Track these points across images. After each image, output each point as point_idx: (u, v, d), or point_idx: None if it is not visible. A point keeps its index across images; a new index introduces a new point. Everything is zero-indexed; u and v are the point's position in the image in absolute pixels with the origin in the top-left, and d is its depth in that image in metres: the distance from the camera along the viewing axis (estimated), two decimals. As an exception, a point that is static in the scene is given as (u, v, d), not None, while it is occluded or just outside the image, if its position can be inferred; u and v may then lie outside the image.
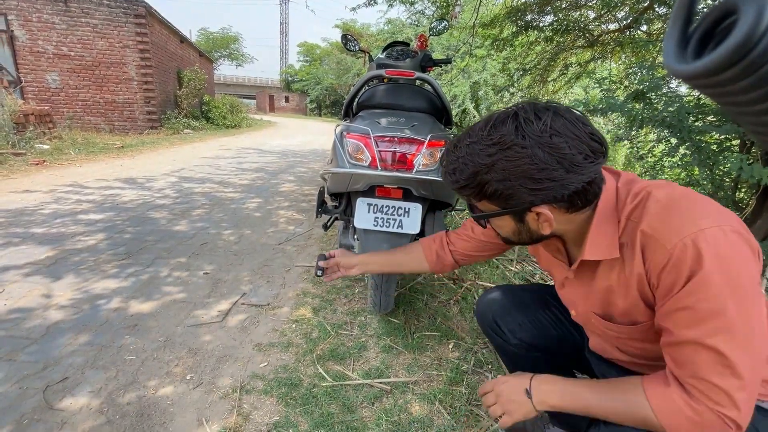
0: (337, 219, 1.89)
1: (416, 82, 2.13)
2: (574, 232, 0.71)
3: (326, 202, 1.84)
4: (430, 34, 2.55)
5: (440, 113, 1.93)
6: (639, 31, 3.92)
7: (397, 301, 1.93)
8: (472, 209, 0.75)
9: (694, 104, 1.92)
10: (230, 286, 2.09)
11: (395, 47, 2.38)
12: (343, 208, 1.75)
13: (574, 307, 0.83)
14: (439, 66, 2.51)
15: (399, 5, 5.82)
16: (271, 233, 2.96)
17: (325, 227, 2.00)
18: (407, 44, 2.49)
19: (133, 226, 2.91)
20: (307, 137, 12.62)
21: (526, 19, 4.13)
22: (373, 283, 1.66)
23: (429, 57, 2.29)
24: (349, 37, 2.42)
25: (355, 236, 1.65)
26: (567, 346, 0.98)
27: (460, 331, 1.76)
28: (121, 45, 9.02)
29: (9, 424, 1.16)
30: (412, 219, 1.49)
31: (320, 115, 36.24)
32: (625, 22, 3.90)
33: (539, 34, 4.40)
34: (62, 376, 1.37)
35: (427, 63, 2.27)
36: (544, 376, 0.75)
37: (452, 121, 2.00)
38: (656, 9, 3.28)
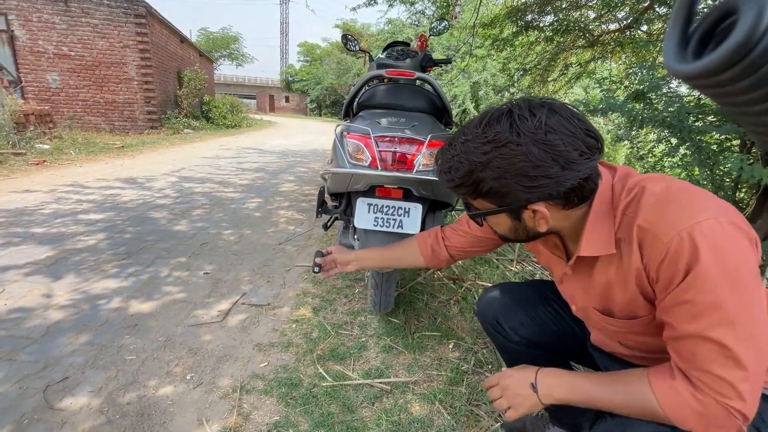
0: (337, 219, 1.89)
1: (416, 82, 2.13)
2: (571, 229, 0.70)
3: (326, 202, 1.84)
4: (431, 34, 2.55)
5: (440, 113, 1.93)
6: (639, 31, 3.92)
7: (397, 301, 1.93)
8: (469, 208, 0.75)
9: (694, 104, 1.92)
10: (230, 286, 2.09)
11: (395, 47, 2.38)
12: (344, 208, 1.75)
13: (574, 302, 0.83)
14: (439, 66, 2.51)
15: (399, 5, 5.83)
16: (272, 233, 2.96)
17: (326, 227, 2.00)
18: (407, 44, 2.49)
19: (134, 226, 2.92)
20: (307, 137, 12.62)
21: (527, 19, 4.13)
22: (373, 283, 1.67)
23: (429, 57, 2.29)
24: (350, 37, 2.42)
25: (356, 236, 1.65)
26: (568, 342, 0.99)
27: (460, 331, 1.76)
28: (122, 45, 9.02)
29: (9, 423, 1.16)
30: (412, 219, 1.49)
31: (320, 115, 36.25)
32: (625, 22, 3.90)
33: (539, 34, 4.40)
34: (62, 376, 1.37)
35: (428, 63, 2.27)
36: (549, 370, 0.75)
37: (452, 121, 2.00)
38: (656, 9, 3.28)
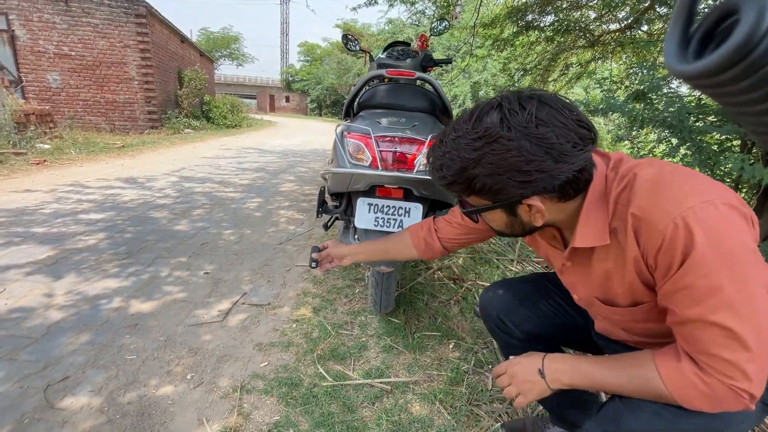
0: (337, 219, 1.89)
1: (417, 82, 2.13)
2: (568, 220, 0.70)
3: (327, 201, 1.84)
4: (431, 34, 2.55)
5: (441, 113, 1.93)
6: (640, 32, 3.92)
7: (397, 301, 1.93)
8: (463, 205, 0.74)
9: (694, 104, 1.92)
10: (231, 286, 2.09)
11: (396, 47, 2.39)
12: (344, 208, 1.75)
13: (576, 292, 0.83)
14: (439, 66, 2.51)
15: (399, 5, 5.84)
16: (272, 233, 2.96)
17: (326, 227, 2.00)
18: (408, 44, 2.50)
19: (134, 226, 2.92)
20: (308, 137, 12.62)
21: (527, 19, 4.14)
22: (373, 281, 1.67)
23: (430, 57, 2.29)
24: (350, 37, 2.43)
25: (356, 236, 1.65)
26: (572, 332, 0.99)
27: (461, 331, 1.76)
28: (122, 45, 9.02)
29: (10, 423, 1.17)
30: (412, 219, 1.49)
31: (321, 115, 36.25)
32: (626, 22, 3.90)
33: (540, 34, 4.40)
34: (63, 376, 1.37)
35: (428, 63, 2.28)
36: (555, 355, 0.75)
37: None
38: (657, 9, 3.28)
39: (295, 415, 1.25)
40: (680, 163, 2.11)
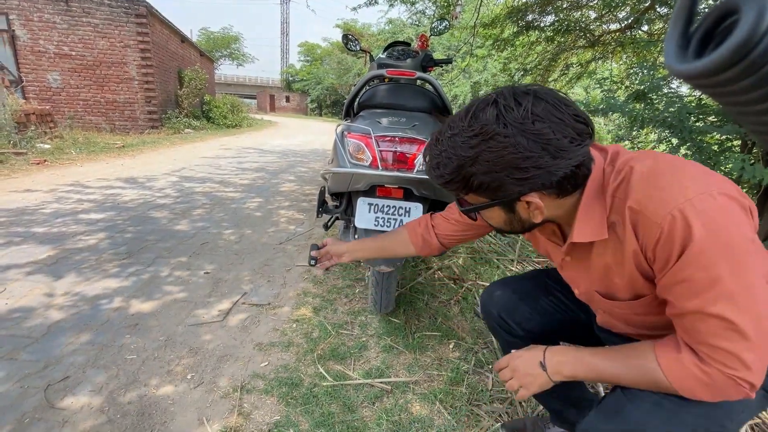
0: (337, 219, 1.89)
1: (417, 82, 2.13)
2: (567, 216, 0.69)
3: (327, 201, 1.84)
4: (431, 34, 2.55)
5: (441, 113, 1.93)
6: (640, 32, 3.92)
7: (397, 301, 1.93)
8: (461, 203, 0.73)
9: (695, 105, 1.92)
10: (231, 286, 2.09)
11: (396, 47, 2.39)
12: (344, 208, 1.75)
13: (577, 287, 0.83)
14: (440, 66, 2.51)
15: (400, 5, 5.84)
16: (272, 233, 2.96)
17: (326, 227, 2.00)
18: (408, 44, 2.50)
19: (134, 226, 2.92)
20: (308, 137, 12.62)
21: (527, 19, 4.14)
22: (374, 281, 1.67)
23: (430, 57, 2.29)
24: (350, 37, 2.43)
25: (356, 236, 1.65)
26: (574, 327, 0.99)
27: (461, 331, 1.76)
28: (122, 45, 9.03)
29: (10, 423, 1.17)
30: (413, 219, 1.49)
31: (321, 115, 36.26)
32: (626, 22, 3.91)
33: (540, 34, 4.41)
34: (63, 375, 1.37)
35: (428, 63, 2.28)
36: (557, 348, 0.76)
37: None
38: (657, 9, 3.28)
39: (296, 415, 1.25)
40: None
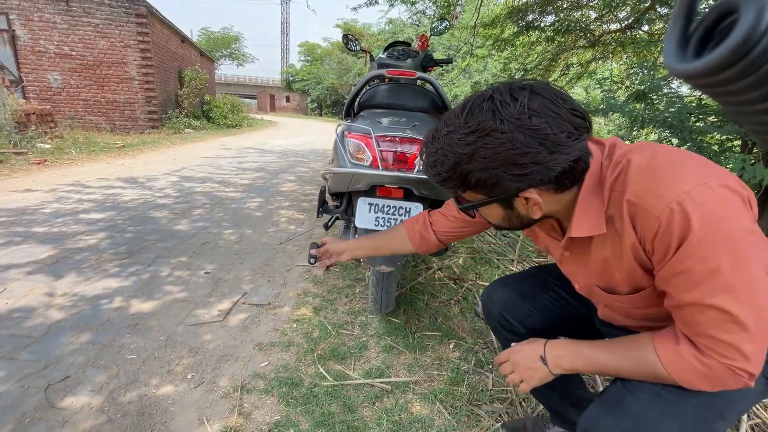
0: (338, 219, 1.89)
1: (417, 82, 2.13)
2: (566, 211, 0.69)
3: (327, 201, 1.84)
4: (431, 34, 2.55)
5: (441, 113, 1.93)
6: (640, 32, 3.92)
7: (397, 301, 1.93)
8: (459, 200, 0.73)
9: (695, 105, 1.92)
10: (231, 286, 2.09)
11: (396, 47, 2.39)
12: (344, 208, 1.75)
13: (577, 281, 0.83)
14: (440, 66, 2.51)
15: (400, 5, 5.84)
16: (272, 233, 2.96)
17: (326, 227, 2.00)
18: (408, 44, 2.50)
19: (134, 226, 2.92)
20: (308, 137, 12.62)
21: (528, 19, 4.14)
22: (374, 281, 1.67)
23: (430, 57, 2.29)
24: (351, 37, 2.43)
25: (356, 236, 1.65)
26: (574, 322, 0.99)
27: (461, 331, 1.76)
28: (123, 44, 9.03)
29: (10, 422, 1.17)
30: (412, 218, 1.49)
31: (321, 115, 36.27)
32: (626, 22, 3.91)
33: (540, 34, 4.41)
34: (63, 375, 1.37)
35: (429, 63, 2.28)
36: (557, 341, 0.76)
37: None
38: (657, 9, 3.28)
39: (296, 415, 1.26)
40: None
